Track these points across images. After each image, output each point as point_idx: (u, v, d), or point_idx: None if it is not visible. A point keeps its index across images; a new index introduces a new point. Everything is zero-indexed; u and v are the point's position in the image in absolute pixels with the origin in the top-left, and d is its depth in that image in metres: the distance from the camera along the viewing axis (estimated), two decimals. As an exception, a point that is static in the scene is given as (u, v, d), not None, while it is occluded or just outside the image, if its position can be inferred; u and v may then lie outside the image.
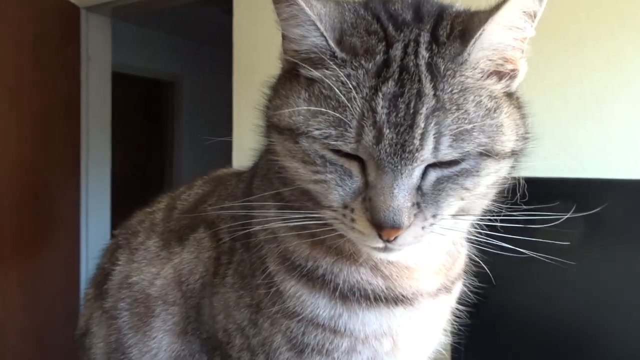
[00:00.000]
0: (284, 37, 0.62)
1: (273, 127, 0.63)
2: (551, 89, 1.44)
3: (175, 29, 4.19)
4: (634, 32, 1.35)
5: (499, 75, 0.62)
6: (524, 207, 0.67)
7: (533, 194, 0.88)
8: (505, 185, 0.67)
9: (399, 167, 0.55)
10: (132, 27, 3.95)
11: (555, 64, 1.43)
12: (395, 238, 0.57)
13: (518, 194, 0.69)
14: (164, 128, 4.66)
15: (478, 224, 0.69)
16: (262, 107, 0.67)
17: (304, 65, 0.60)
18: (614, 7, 1.38)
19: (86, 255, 3.35)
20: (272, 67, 0.67)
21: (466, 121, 0.56)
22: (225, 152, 2.34)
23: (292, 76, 0.63)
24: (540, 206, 0.65)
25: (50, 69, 3.00)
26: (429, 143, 0.55)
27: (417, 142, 0.55)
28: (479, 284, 0.80)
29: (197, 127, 4.57)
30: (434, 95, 0.56)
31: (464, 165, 0.58)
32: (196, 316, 0.78)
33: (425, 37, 0.59)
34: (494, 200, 0.68)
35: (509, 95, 0.63)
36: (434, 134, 0.55)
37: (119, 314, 0.83)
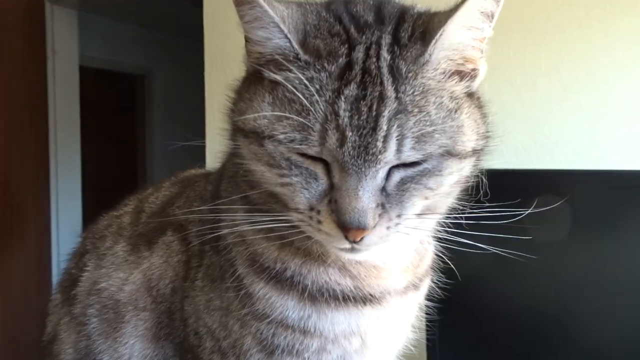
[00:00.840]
0: (247, 39, 0.62)
1: (238, 130, 0.64)
2: (521, 80, 1.47)
3: (144, 20, 4.12)
4: (600, 25, 1.38)
5: (460, 75, 0.62)
6: (487, 204, 0.68)
7: (504, 185, 0.89)
8: (469, 183, 0.68)
9: (363, 169, 0.56)
10: (100, 19, 3.87)
11: (524, 56, 1.46)
12: (362, 239, 0.58)
13: (482, 192, 0.70)
14: (135, 122, 4.60)
15: (444, 222, 0.70)
16: (227, 111, 0.67)
17: (268, 67, 0.60)
18: (580, 0, 1.41)
19: (57, 253, 3.30)
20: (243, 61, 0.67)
21: (428, 123, 0.57)
22: (198, 147, 2.32)
23: (256, 79, 0.63)
24: (502, 203, 0.67)
25: (15, 65, 2.93)
26: (392, 145, 0.56)
27: (380, 144, 0.55)
28: (446, 280, 0.82)
29: (169, 119, 4.53)
30: (396, 97, 0.56)
31: (426, 165, 0.58)
32: (168, 321, 0.78)
33: (386, 39, 0.59)
34: (459, 199, 0.69)
35: (470, 95, 0.64)
36: (397, 137, 0.56)
37: (88, 320, 0.82)
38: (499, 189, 0.89)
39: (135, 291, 0.80)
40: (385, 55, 0.58)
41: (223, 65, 2.02)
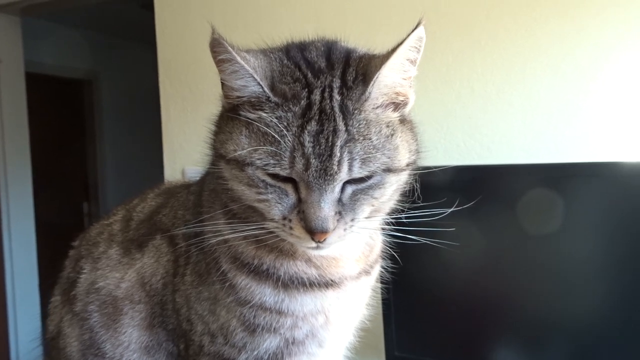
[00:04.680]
0: (225, 85, 0.77)
1: (221, 157, 0.78)
2: (459, 82, 1.62)
3: (91, 24, 4.10)
4: (527, 32, 1.54)
5: (395, 105, 0.78)
6: (421, 203, 0.87)
7: (447, 180, 1.02)
8: (406, 188, 0.86)
9: (324, 186, 0.71)
10: (46, 24, 3.84)
11: (462, 60, 1.61)
12: (325, 239, 0.74)
13: (417, 194, 0.88)
14: (84, 127, 4.58)
15: (388, 220, 0.88)
16: (209, 140, 0.82)
17: (244, 107, 0.75)
18: (509, 8, 1.56)
19: (10, 256, 3.29)
20: (198, 64, 0.77)
21: (371, 147, 0.73)
22: (149, 148, 2.36)
23: (233, 115, 0.77)
24: (431, 203, 0.85)
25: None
26: (344, 167, 0.71)
27: (335, 167, 0.71)
28: (393, 265, 0.99)
29: (119, 123, 4.53)
30: (346, 130, 0.72)
31: (372, 180, 0.75)
32: (161, 311, 0.92)
33: (336, 83, 0.75)
34: (399, 201, 0.86)
35: (403, 121, 0.80)
36: (348, 160, 0.71)
37: (89, 315, 0.95)
38: (442, 183, 1.04)
39: (130, 287, 0.93)
40: (336, 96, 0.74)
41: (177, 69, 2.03)
